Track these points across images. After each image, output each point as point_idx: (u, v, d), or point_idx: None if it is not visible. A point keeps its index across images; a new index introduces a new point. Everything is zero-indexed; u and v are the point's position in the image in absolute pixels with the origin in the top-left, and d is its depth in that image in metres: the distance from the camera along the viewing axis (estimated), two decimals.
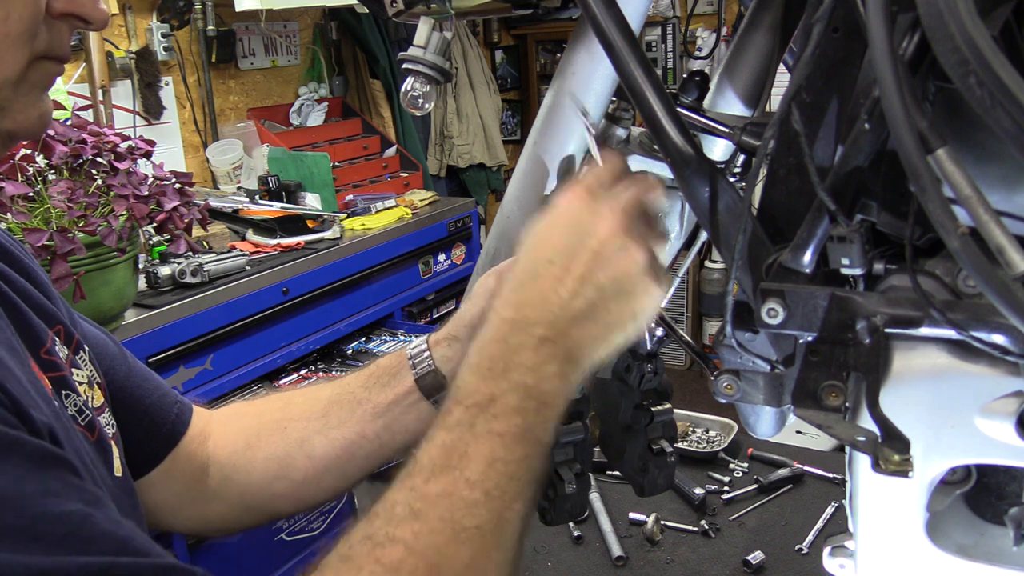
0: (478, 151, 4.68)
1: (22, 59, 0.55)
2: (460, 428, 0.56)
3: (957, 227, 0.46)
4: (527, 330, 0.59)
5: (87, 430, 0.69)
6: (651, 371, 0.91)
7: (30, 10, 0.54)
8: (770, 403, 0.71)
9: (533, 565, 1.39)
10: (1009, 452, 0.62)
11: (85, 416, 0.69)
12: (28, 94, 0.57)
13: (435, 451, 0.55)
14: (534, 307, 0.60)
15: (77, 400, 0.69)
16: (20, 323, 0.67)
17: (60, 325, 0.73)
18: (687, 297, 4.52)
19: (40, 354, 0.67)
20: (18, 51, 0.54)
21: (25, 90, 0.57)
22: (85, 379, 0.73)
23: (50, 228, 1.69)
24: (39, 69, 0.57)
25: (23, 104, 0.57)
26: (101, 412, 0.74)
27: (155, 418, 0.86)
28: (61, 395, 0.67)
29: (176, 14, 3.22)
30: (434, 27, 0.84)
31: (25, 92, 0.57)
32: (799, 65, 0.64)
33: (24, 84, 0.56)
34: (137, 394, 0.85)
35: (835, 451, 1.84)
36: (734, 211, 0.69)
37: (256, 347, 2.58)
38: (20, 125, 0.58)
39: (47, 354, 0.68)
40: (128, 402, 0.84)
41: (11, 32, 0.53)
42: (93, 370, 0.76)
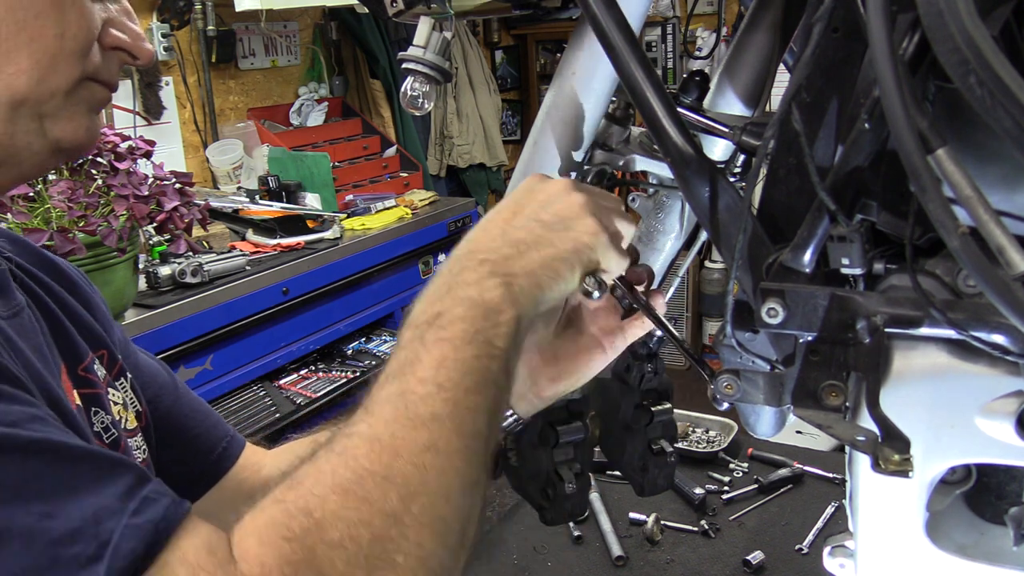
0: (478, 151, 4.68)
1: (74, 74, 0.62)
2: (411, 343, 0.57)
3: (957, 227, 0.46)
4: (469, 258, 0.62)
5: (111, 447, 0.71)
6: (651, 371, 0.91)
7: (84, 33, 0.61)
8: (770, 403, 0.71)
9: (533, 565, 1.39)
10: (1009, 452, 0.62)
11: (111, 434, 0.72)
12: (76, 107, 0.63)
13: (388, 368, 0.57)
14: (478, 242, 0.64)
15: (105, 418, 0.72)
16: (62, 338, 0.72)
17: (104, 350, 0.78)
18: (687, 297, 4.52)
19: (77, 370, 0.72)
20: (71, 66, 0.61)
21: (73, 102, 0.63)
22: (120, 401, 0.77)
23: (50, 228, 1.69)
24: (88, 88, 0.64)
25: (71, 114, 0.63)
26: (132, 435, 0.78)
27: (200, 447, 0.90)
28: (90, 411, 0.71)
29: (176, 14, 3.22)
30: (434, 27, 0.84)
31: (73, 105, 0.63)
32: (799, 65, 0.64)
33: (73, 98, 0.63)
34: (182, 423, 0.89)
35: (835, 451, 1.83)
36: (734, 211, 0.69)
37: (256, 347, 2.58)
38: (68, 135, 0.63)
39: (84, 371, 0.73)
40: (171, 429, 0.87)
41: (66, 48, 0.60)
42: (133, 397, 0.81)
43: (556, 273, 0.63)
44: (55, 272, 0.79)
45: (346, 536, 0.47)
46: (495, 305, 0.59)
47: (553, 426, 0.87)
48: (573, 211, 0.66)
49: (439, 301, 0.59)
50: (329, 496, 0.48)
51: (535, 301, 0.62)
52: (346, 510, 0.48)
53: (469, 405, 0.54)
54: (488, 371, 0.56)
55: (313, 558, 0.46)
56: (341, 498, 0.48)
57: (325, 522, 0.47)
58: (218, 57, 3.44)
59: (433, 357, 0.55)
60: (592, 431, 0.90)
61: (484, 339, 0.57)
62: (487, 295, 0.59)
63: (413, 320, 0.59)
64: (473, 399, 0.54)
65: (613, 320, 0.81)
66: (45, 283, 0.75)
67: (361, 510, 0.48)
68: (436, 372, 0.54)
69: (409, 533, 0.48)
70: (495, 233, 0.65)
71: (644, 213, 1.00)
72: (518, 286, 0.61)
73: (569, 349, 0.81)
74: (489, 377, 0.56)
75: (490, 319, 0.58)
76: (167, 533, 0.45)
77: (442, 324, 0.57)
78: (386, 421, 0.52)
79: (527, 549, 1.43)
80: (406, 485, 0.49)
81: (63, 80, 0.61)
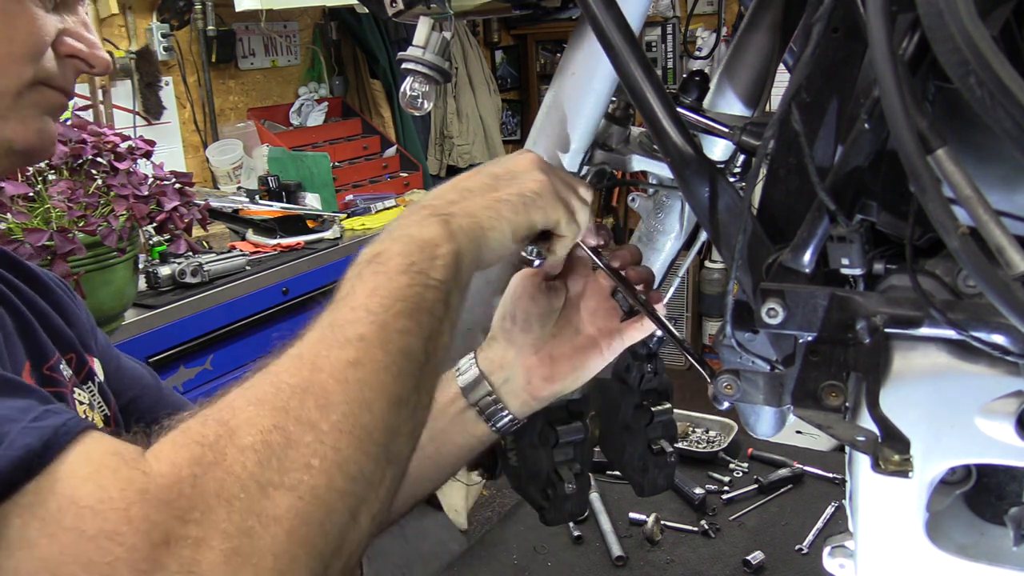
0: (478, 151, 4.68)
1: (24, 77, 0.64)
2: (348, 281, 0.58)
3: (957, 227, 0.46)
4: (414, 207, 0.64)
5: None
6: (651, 371, 0.91)
7: (33, 39, 0.64)
8: (770, 403, 0.71)
9: (533, 565, 1.39)
10: (1009, 452, 0.62)
11: None
12: (27, 110, 0.66)
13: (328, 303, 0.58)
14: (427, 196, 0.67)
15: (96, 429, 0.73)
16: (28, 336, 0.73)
17: (73, 353, 0.79)
18: (687, 297, 4.52)
19: (42, 369, 0.73)
20: (20, 68, 0.64)
21: (24, 105, 0.65)
22: (86, 402, 0.78)
23: (50, 228, 1.69)
24: (41, 92, 0.66)
25: (22, 116, 0.65)
26: None
27: None
28: None
29: (176, 14, 3.22)
30: (433, 27, 0.84)
31: (24, 107, 0.65)
32: (799, 65, 0.64)
33: (24, 100, 0.65)
34: None
35: (835, 451, 1.83)
36: (734, 211, 0.69)
37: (256, 347, 2.58)
38: (19, 136, 0.66)
39: (49, 370, 0.73)
40: None
41: (14, 52, 0.63)
42: (101, 400, 0.81)
43: (498, 214, 0.65)
44: (27, 276, 0.80)
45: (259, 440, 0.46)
46: (432, 239, 0.60)
47: (553, 426, 0.87)
48: (523, 166, 0.69)
49: (380, 244, 0.61)
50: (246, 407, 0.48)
51: (475, 240, 0.63)
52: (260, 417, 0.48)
53: (398, 327, 0.54)
54: (422, 299, 0.57)
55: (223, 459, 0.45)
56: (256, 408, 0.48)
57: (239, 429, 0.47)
58: (218, 57, 3.44)
59: (366, 288, 0.56)
60: (592, 431, 0.90)
61: (419, 270, 0.58)
62: (425, 232, 0.60)
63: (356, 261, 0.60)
64: (403, 322, 0.55)
65: (612, 322, 0.81)
66: (14, 284, 0.76)
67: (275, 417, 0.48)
68: (367, 300, 0.55)
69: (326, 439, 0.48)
70: (446, 187, 0.67)
71: (644, 213, 1.00)
72: (456, 224, 0.62)
73: (565, 349, 0.81)
74: (423, 305, 0.56)
75: (426, 252, 0.59)
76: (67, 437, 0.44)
77: (380, 260, 0.58)
78: (311, 343, 0.53)
79: (527, 549, 1.43)
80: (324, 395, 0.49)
81: (11, 82, 0.64)
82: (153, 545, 0.41)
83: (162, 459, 0.45)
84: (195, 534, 0.43)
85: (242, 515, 0.44)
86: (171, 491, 0.43)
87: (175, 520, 0.43)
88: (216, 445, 0.46)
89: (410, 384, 0.54)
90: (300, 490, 0.46)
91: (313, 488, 0.46)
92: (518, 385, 0.81)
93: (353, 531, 0.48)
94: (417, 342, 0.55)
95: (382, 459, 0.50)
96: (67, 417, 0.46)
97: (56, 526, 0.41)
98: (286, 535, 0.45)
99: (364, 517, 0.49)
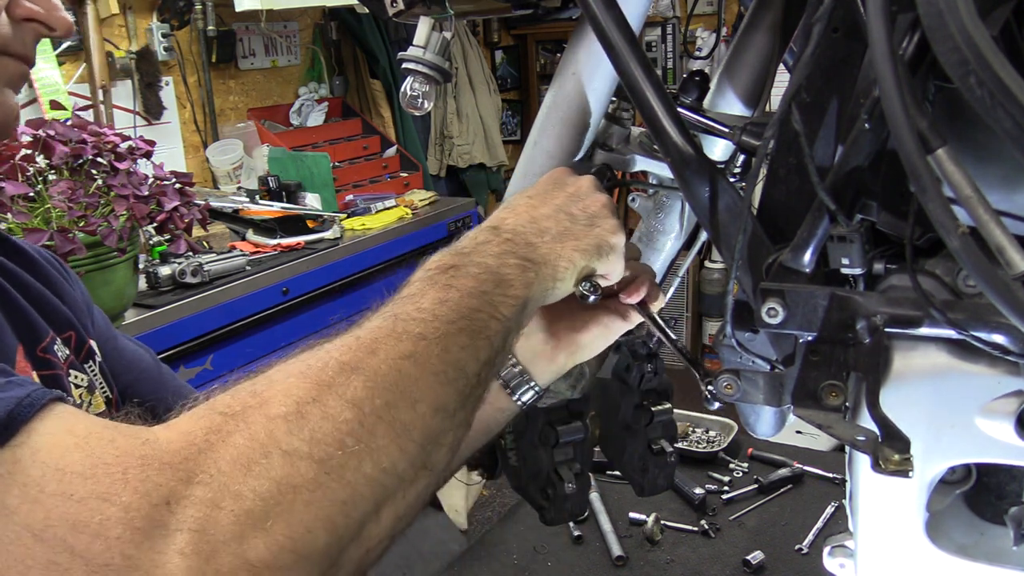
0: (478, 151, 4.68)
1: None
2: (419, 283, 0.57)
3: (957, 227, 0.46)
4: (494, 232, 0.64)
5: None
6: (651, 371, 0.91)
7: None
8: (770, 403, 0.71)
9: (533, 565, 1.39)
10: (1009, 452, 0.62)
11: None
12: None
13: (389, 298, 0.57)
14: (504, 221, 0.66)
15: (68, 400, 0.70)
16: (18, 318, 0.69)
17: (72, 331, 0.75)
18: (687, 297, 4.52)
19: (36, 351, 0.69)
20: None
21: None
22: (85, 384, 0.75)
23: (50, 228, 1.69)
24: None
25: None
26: None
27: None
28: None
29: (176, 14, 3.22)
30: (434, 27, 0.84)
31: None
32: (799, 65, 0.64)
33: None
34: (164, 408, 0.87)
35: (835, 451, 1.84)
36: (734, 211, 0.69)
37: (256, 347, 2.58)
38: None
39: (43, 352, 0.70)
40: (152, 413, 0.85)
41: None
42: (102, 380, 0.78)
43: (572, 264, 0.65)
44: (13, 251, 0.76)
45: (292, 410, 0.44)
46: (508, 279, 0.59)
47: (553, 426, 0.87)
48: (599, 209, 0.69)
49: (457, 257, 0.60)
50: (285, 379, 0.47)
51: (545, 291, 0.64)
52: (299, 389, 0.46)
53: (459, 342, 0.53)
54: (486, 326, 0.56)
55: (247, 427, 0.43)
56: (297, 379, 0.46)
57: (273, 399, 0.45)
58: (218, 57, 3.44)
59: (436, 295, 0.55)
60: (592, 431, 0.90)
61: (489, 300, 0.57)
62: (504, 269, 0.60)
63: (427, 267, 0.59)
64: (464, 339, 0.53)
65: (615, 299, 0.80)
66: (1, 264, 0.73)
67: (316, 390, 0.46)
68: (435, 306, 0.54)
69: (366, 421, 0.46)
70: (523, 216, 0.66)
71: (644, 213, 1.00)
72: (534, 271, 0.62)
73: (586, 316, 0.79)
74: (486, 332, 0.55)
75: (500, 288, 0.58)
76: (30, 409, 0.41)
77: (454, 275, 0.57)
78: (371, 328, 0.51)
79: (527, 549, 1.43)
80: (373, 378, 0.47)
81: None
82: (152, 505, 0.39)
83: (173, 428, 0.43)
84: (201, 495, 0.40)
85: (259, 480, 0.41)
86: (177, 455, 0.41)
87: (179, 482, 0.40)
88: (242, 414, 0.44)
89: (457, 398, 0.52)
90: (328, 464, 0.43)
91: (342, 466, 0.44)
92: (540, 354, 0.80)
93: (374, 525, 0.46)
94: (472, 362, 0.54)
95: (417, 460, 0.48)
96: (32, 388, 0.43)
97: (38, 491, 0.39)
98: (304, 505, 0.42)
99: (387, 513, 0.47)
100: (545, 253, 0.64)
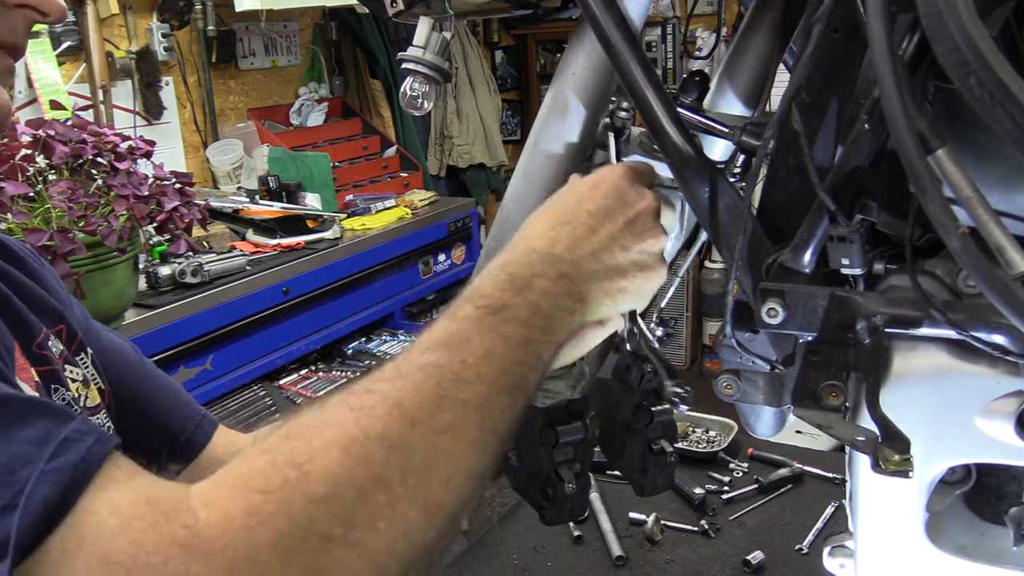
0: (478, 151, 4.68)
1: None
2: (467, 321, 0.56)
3: (957, 227, 0.46)
4: (552, 263, 0.62)
5: None
6: (651, 371, 0.91)
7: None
8: (770, 403, 0.71)
9: (533, 565, 1.39)
10: (1009, 452, 0.62)
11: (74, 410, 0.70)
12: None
13: (436, 333, 0.55)
14: (564, 246, 0.63)
15: (66, 395, 0.70)
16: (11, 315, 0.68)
17: (63, 325, 0.75)
18: (687, 297, 4.52)
19: (31, 347, 0.69)
20: None
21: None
22: (80, 378, 0.74)
23: (50, 228, 1.69)
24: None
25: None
26: (95, 413, 0.75)
27: (170, 426, 0.88)
28: (49, 388, 0.68)
29: (176, 14, 3.22)
30: (433, 27, 0.84)
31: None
32: (799, 65, 0.64)
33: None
34: (150, 402, 0.87)
35: (835, 451, 1.83)
36: (734, 211, 0.69)
37: (256, 347, 2.58)
38: None
39: (38, 348, 0.70)
40: (138, 408, 0.85)
41: None
42: (94, 372, 0.78)
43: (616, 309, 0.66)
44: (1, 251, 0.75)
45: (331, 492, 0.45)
46: (556, 326, 0.59)
47: (553, 426, 0.87)
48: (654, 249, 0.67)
49: (507, 292, 0.58)
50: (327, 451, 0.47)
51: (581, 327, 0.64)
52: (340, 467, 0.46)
53: (499, 405, 0.53)
54: (527, 381, 0.56)
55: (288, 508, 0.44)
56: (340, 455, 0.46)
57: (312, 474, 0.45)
58: (218, 57, 3.44)
59: (484, 345, 0.54)
60: (592, 431, 0.90)
61: (534, 350, 0.57)
62: (554, 313, 0.59)
63: (476, 298, 0.58)
64: (505, 400, 0.54)
65: None
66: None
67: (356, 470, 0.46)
68: (480, 361, 0.53)
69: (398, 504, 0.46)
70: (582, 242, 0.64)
71: None
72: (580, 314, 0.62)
73: None
74: (525, 386, 0.56)
75: (547, 335, 0.58)
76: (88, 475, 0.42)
77: (504, 318, 0.56)
78: (415, 388, 0.51)
79: (527, 549, 1.43)
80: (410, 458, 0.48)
81: None
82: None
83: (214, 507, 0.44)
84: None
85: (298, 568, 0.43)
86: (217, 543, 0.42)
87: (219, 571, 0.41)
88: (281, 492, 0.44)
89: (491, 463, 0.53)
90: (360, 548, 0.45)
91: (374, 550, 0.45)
92: None
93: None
94: (508, 421, 0.54)
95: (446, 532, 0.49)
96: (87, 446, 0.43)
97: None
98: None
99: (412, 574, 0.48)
100: (595, 293, 0.63)
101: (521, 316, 0.57)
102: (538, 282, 0.60)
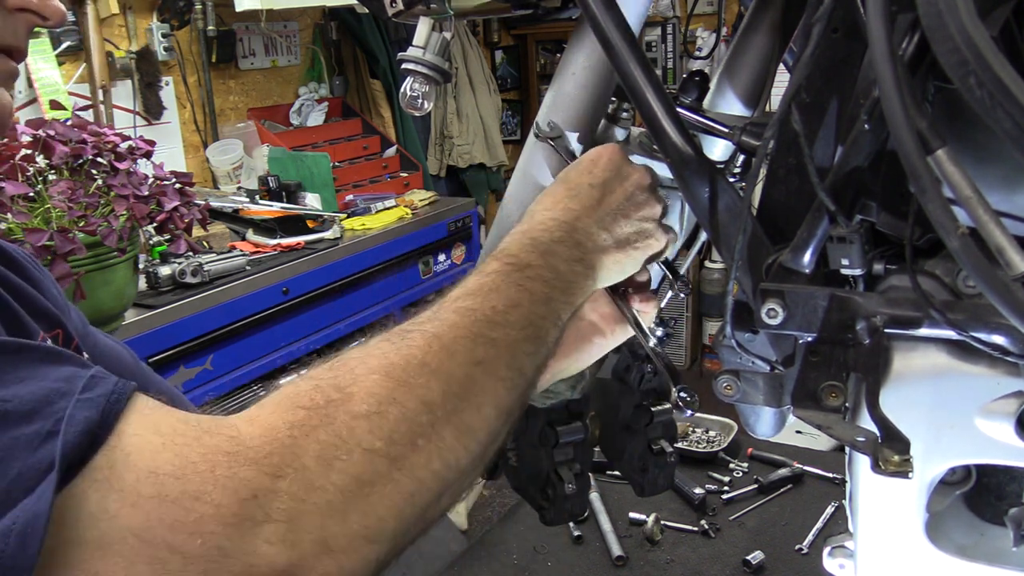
0: (478, 151, 4.68)
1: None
2: (496, 275, 0.61)
3: (957, 227, 0.46)
4: (571, 233, 0.67)
5: None
6: (651, 371, 0.91)
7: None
8: (770, 404, 0.71)
9: (533, 565, 1.39)
10: (1009, 452, 0.62)
11: None
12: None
13: (468, 284, 0.60)
14: (576, 216, 0.68)
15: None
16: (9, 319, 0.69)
17: (60, 329, 0.76)
18: (687, 297, 4.52)
19: None
20: None
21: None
22: None
23: (50, 228, 1.69)
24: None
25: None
26: None
27: None
28: None
29: (176, 14, 3.22)
30: (433, 27, 0.84)
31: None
32: (799, 65, 0.64)
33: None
34: None
35: (835, 451, 1.83)
36: (734, 211, 0.69)
37: (256, 347, 2.58)
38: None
39: None
40: None
41: None
42: None
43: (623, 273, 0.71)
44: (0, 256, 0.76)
45: (374, 410, 0.48)
46: (573, 288, 0.65)
47: (553, 426, 0.87)
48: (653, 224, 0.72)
49: (531, 254, 0.63)
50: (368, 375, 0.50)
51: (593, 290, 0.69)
52: (382, 388, 0.49)
53: (524, 349, 0.58)
54: (548, 333, 0.61)
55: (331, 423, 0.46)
56: (382, 377, 0.50)
57: (356, 395, 0.48)
58: (218, 57, 3.44)
59: (511, 296, 0.59)
60: (592, 431, 0.90)
61: (555, 308, 0.62)
62: (571, 276, 0.64)
63: (503, 256, 0.63)
64: (530, 346, 0.58)
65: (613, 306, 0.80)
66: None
67: (398, 391, 0.49)
68: (508, 309, 0.58)
69: (437, 424, 0.50)
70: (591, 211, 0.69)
71: None
72: (593, 278, 0.67)
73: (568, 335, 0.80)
74: (547, 338, 0.61)
75: (565, 296, 0.63)
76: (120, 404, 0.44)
77: (529, 275, 0.61)
78: (452, 325, 0.55)
79: (527, 549, 1.43)
80: (449, 383, 0.52)
81: None
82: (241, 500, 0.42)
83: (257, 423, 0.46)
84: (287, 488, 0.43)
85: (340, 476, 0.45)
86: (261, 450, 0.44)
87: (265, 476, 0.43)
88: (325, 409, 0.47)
89: (517, 400, 0.57)
90: (402, 462, 0.48)
91: (414, 464, 0.48)
92: None
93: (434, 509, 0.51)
94: (532, 367, 0.59)
95: (477, 457, 0.53)
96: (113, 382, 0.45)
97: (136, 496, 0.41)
98: (379, 498, 0.46)
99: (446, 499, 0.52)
100: (606, 260, 0.68)
101: (543, 276, 0.62)
102: (557, 248, 0.65)
